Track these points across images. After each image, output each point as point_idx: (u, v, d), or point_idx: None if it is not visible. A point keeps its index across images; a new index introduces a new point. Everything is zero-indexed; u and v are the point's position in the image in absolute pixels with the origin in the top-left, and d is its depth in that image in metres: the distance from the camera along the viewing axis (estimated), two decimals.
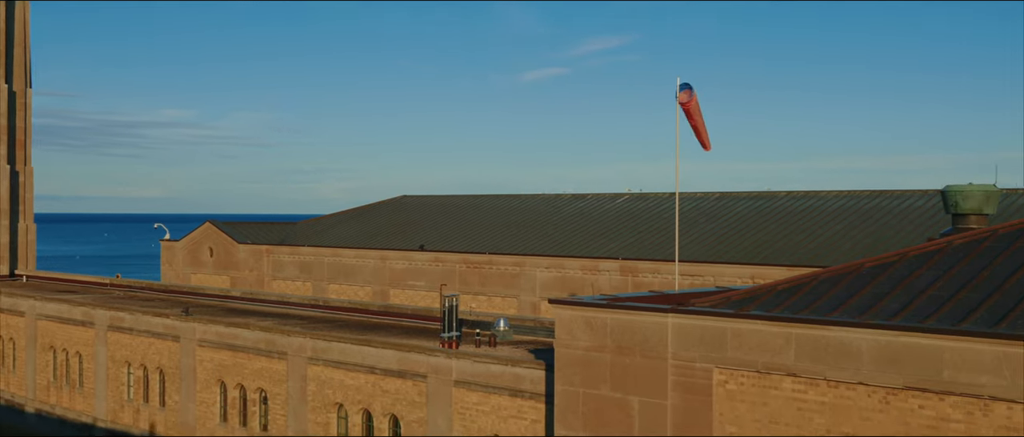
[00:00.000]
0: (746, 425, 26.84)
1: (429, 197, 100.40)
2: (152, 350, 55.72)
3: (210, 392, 51.56)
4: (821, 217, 67.82)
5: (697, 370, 27.58)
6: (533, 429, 36.56)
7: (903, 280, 26.98)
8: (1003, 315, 24.00)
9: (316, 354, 45.49)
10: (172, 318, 54.61)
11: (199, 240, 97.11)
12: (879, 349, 24.29)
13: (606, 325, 29.40)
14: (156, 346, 55.40)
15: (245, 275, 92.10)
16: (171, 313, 55.63)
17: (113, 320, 58.60)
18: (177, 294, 72.04)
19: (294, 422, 46.47)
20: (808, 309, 26.79)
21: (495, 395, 37.86)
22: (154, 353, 55.58)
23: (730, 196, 77.01)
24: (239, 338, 49.88)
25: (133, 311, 57.60)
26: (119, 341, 58.09)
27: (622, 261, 67.96)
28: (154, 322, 55.72)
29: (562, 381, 30.59)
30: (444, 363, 39.89)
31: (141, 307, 59.88)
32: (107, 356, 58.89)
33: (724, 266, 62.56)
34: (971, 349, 22.95)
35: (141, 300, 66.34)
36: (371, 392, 42.98)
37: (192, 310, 57.66)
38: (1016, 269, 26.02)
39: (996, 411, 22.77)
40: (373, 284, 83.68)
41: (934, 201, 63.85)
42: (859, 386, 24.78)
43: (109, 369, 58.68)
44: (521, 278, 73.53)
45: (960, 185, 35.07)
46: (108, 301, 64.37)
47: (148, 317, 56.26)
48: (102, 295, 69.58)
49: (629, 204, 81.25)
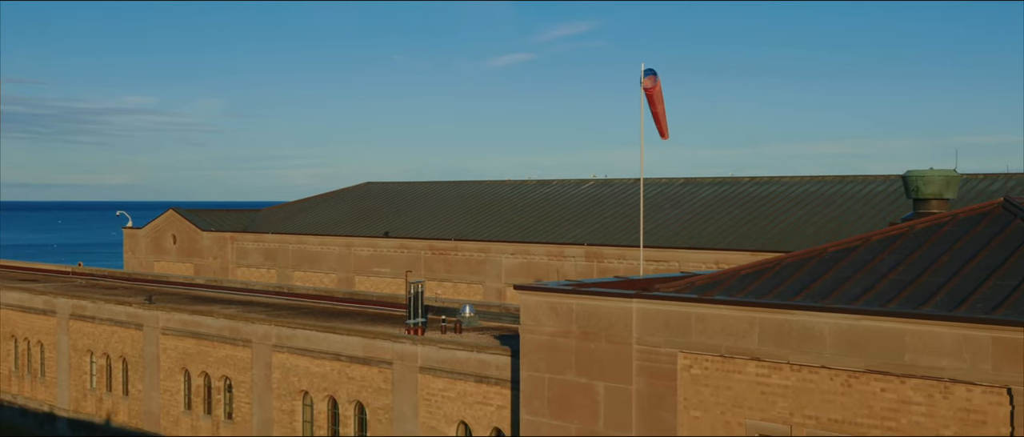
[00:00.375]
0: (710, 409, 27.02)
1: (394, 183, 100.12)
2: (115, 339, 55.27)
3: (174, 380, 51.24)
4: (784, 202, 68.27)
5: (662, 355, 27.71)
6: (499, 415, 36.63)
7: (865, 264, 27.22)
8: (963, 298, 24.28)
9: (281, 341, 45.31)
10: (135, 306, 54.18)
11: (162, 228, 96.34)
12: (841, 333, 24.51)
13: (571, 311, 29.47)
14: (119, 334, 54.96)
15: (209, 263, 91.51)
16: (134, 301, 55.19)
17: (75, 309, 58.07)
18: (140, 282, 71.47)
19: (259, 410, 46.30)
20: (771, 294, 26.98)
21: (461, 381, 37.89)
22: (117, 342, 55.14)
23: (694, 182, 77.34)
24: (203, 326, 49.58)
25: (95, 299, 57.10)
26: (81, 330, 57.57)
27: (587, 247, 68.11)
28: (117, 310, 55.25)
29: (527, 367, 30.65)
30: (410, 350, 39.86)
31: (103, 295, 59.35)
32: (69, 345, 58.36)
33: (689, 251, 62.86)
34: (932, 332, 23.20)
35: (103, 288, 65.76)
36: (336, 379, 42.88)
37: (155, 298, 57.23)
38: (976, 253, 26.32)
39: (956, 393, 23.05)
40: (338, 271, 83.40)
41: (896, 186, 64.44)
42: (822, 369, 25.00)
43: (71, 358, 58.16)
44: (486, 264, 73.53)
45: (921, 170, 35.41)
46: (70, 289, 63.76)
47: (111, 305, 55.79)
48: (64, 283, 68.90)
49: (594, 190, 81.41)
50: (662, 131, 40.06)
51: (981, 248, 26.50)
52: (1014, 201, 28.52)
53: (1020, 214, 27.61)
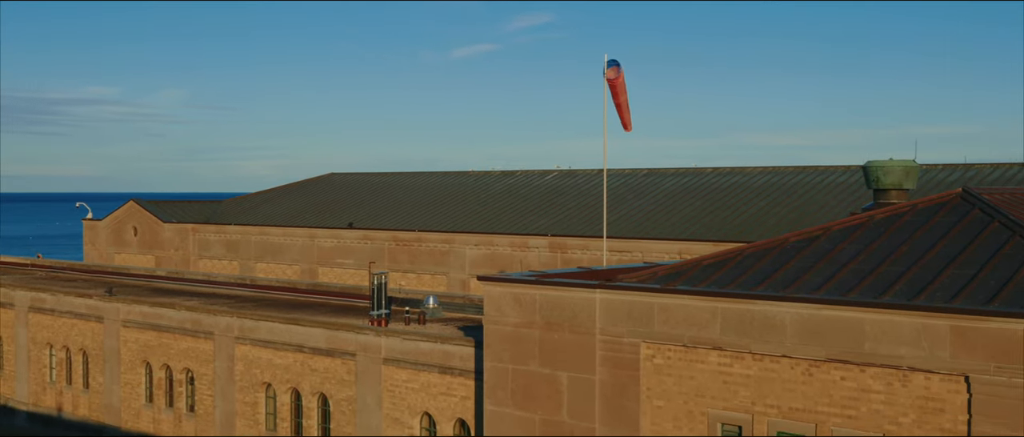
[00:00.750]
0: (673, 398, 27.15)
1: (358, 175, 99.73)
2: (75, 331, 54.72)
3: (135, 373, 50.82)
4: (747, 193, 68.66)
5: (625, 345, 27.80)
6: (463, 406, 36.62)
7: (826, 254, 27.43)
8: (922, 288, 24.53)
9: (243, 333, 45.04)
10: (95, 298, 53.66)
11: (123, 219, 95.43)
12: (802, 322, 24.69)
13: (535, 301, 29.50)
14: (79, 327, 54.41)
15: (170, 254, 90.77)
16: (94, 293, 54.66)
17: (34, 301, 57.40)
18: (100, 274, 70.78)
19: (222, 402, 46.02)
20: (734, 284, 27.13)
21: (425, 372, 37.84)
22: (77, 334, 54.59)
23: (658, 173, 77.61)
24: (164, 318, 49.20)
25: (55, 292, 56.48)
26: (40, 322, 56.93)
27: (551, 238, 68.18)
28: (77, 303, 54.69)
29: (491, 357, 30.66)
30: (373, 341, 39.75)
31: (63, 288, 58.72)
32: (28, 338, 57.69)
33: (652, 242, 63.08)
34: (891, 321, 23.43)
35: (63, 281, 65.06)
36: (300, 371, 42.69)
37: (116, 290, 56.71)
38: (935, 243, 26.59)
39: (914, 381, 23.30)
40: (301, 263, 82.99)
41: (856, 176, 64.97)
42: (783, 358, 25.18)
43: (30, 351, 57.51)
44: (450, 255, 73.45)
45: (881, 160, 35.70)
46: (29, 282, 63.01)
47: (70, 298, 55.21)
48: (22, 276, 68.09)
49: (558, 181, 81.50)
50: (625, 123, 40.16)
51: (940, 238, 26.78)
52: (972, 191, 28.84)
53: (978, 204, 27.93)
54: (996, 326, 22.06)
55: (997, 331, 22.05)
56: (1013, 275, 24.15)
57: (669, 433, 27.24)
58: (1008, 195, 29.92)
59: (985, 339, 22.21)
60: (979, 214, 27.45)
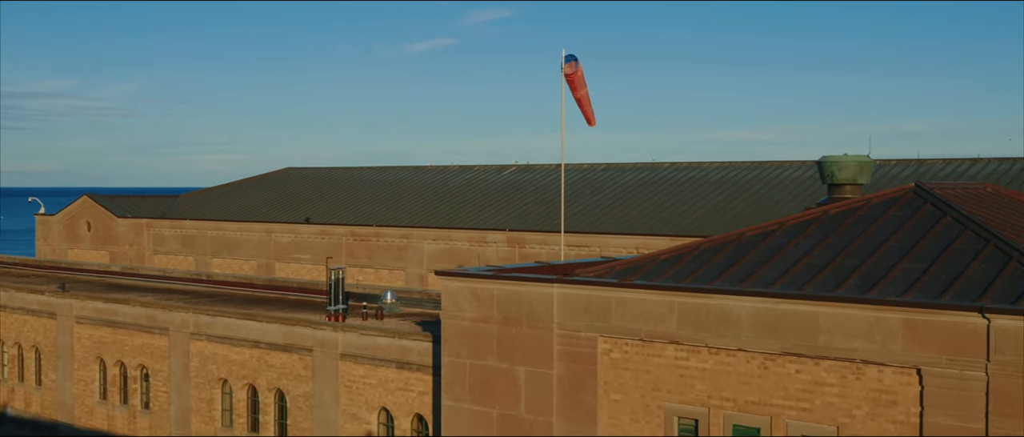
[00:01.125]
0: (630, 392, 27.26)
1: (315, 169, 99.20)
2: (27, 328, 54.00)
3: (89, 370, 50.25)
4: (704, 188, 69.07)
5: (582, 339, 27.87)
6: (420, 401, 36.56)
7: (781, 248, 27.65)
8: (876, 281, 24.80)
9: (199, 329, 44.67)
10: (48, 294, 52.98)
11: (76, 214, 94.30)
12: (758, 316, 24.88)
13: (492, 296, 29.50)
14: (31, 323, 53.71)
15: (125, 250, 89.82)
16: (47, 289, 53.97)
17: None
18: (53, 270, 69.92)
19: (177, 399, 45.62)
20: (690, 278, 27.28)
21: (382, 368, 37.73)
22: (29, 331, 53.88)
23: (615, 167, 77.86)
24: (119, 314, 48.68)
25: (6, 288, 55.69)
26: None
27: (509, 232, 68.21)
28: (28, 299, 53.97)
29: (449, 352, 30.62)
30: (330, 336, 39.57)
31: (15, 283, 57.93)
32: None
33: (610, 236, 63.30)
34: (845, 315, 23.67)
35: (14, 276, 64.19)
36: (256, 367, 42.42)
37: (69, 286, 56.04)
38: (888, 237, 26.89)
39: (868, 374, 23.56)
40: (258, 258, 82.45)
41: (811, 171, 65.55)
42: (739, 352, 25.36)
43: None
44: (408, 250, 73.28)
45: (836, 156, 36.04)
46: None
47: (22, 294, 54.47)
48: None
49: (516, 176, 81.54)
50: (588, 118, 40.21)
51: (893, 232, 27.09)
52: (925, 186, 29.20)
53: (930, 199, 28.28)
54: (947, 319, 22.36)
55: (949, 324, 22.35)
56: (964, 269, 24.48)
57: (626, 427, 27.36)
58: (960, 190, 30.34)
59: (937, 332, 22.50)
60: (931, 209, 27.80)
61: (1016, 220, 28.30)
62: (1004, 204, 30.12)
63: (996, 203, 29.93)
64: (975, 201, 29.19)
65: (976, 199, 29.57)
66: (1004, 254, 24.70)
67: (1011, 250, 24.68)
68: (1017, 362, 21.56)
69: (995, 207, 29.25)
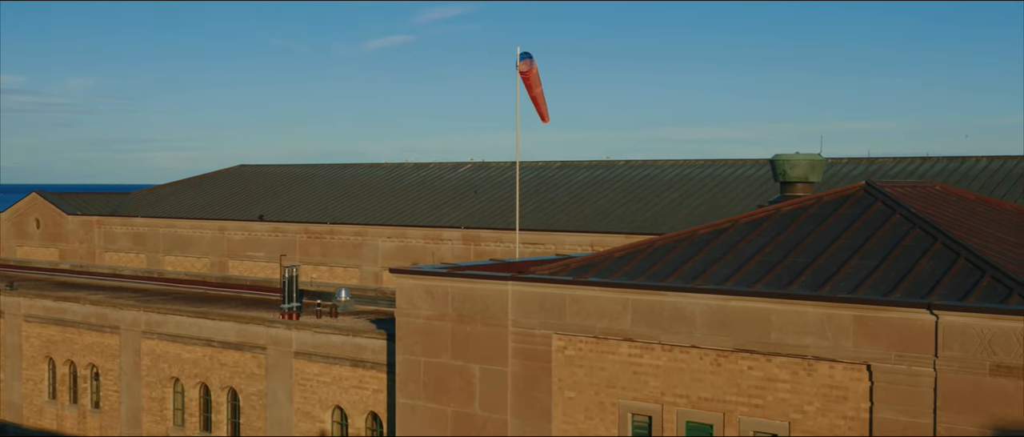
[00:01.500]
0: (584, 389, 27.34)
1: (269, 166, 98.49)
2: None
3: (37, 369, 49.56)
4: (658, 186, 69.40)
5: (537, 337, 27.91)
6: (375, 399, 36.43)
7: (734, 246, 27.85)
8: (827, 278, 25.05)
9: (150, 328, 44.21)
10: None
11: (25, 211, 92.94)
12: (711, 313, 25.05)
13: (447, 293, 29.45)
14: None
15: (75, 247, 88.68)
16: None
17: None
18: (1, 268, 68.86)
19: (128, 398, 45.12)
20: (644, 275, 27.40)
21: (336, 366, 37.55)
22: None
23: (570, 165, 78.02)
24: (68, 312, 48.05)
25: None
26: None
27: (464, 230, 68.14)
28: None
29: (403, 350, 30.54)
30: (284, 334, 39.32)
31: None
32: None
33: (564, 234, 63.42)
34: (796, 311, 23.89)
35: None
36: (209, 365, 42.06)
37: (17, 284, 55.24)
38: (839, 234, 27.17)
39: (819, 370, 23.80)
40: (211, 255, 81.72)
41: (764, 170, 66.09)
42: (692, 349, 25.52)
43: None
44: (363, 248, 72.98)
45: (788, 154, 36.36)
46: None
47: None
48: None
49: (471, 173, 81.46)
50: (542, 114, 40.26)
51: (844, 230, 27.38)
52: (875, 185, 29.54)
53: (880, 197, 28.61)
54: (897, 315, 22.63)
55: (898, 320, 22.63)
56: (913, 266, 24.79)
57: (580, 424, 27.43)
58: (909, 188, 30.72)
59: (886, 328, 22.78)
60: (881, 207, 28.12)
61: (964, 218, 28.73)
62: (952, 202, 30.56)
63: (945, 201, 30.36)
64: (924, 199, 29.58)
65: (925, 197, 29.97)
66: (952, 251, 25.04)
67: (959, 247, 25.04)
68: (964, 358, 21.88)
69: (944, 205, 29.67)
